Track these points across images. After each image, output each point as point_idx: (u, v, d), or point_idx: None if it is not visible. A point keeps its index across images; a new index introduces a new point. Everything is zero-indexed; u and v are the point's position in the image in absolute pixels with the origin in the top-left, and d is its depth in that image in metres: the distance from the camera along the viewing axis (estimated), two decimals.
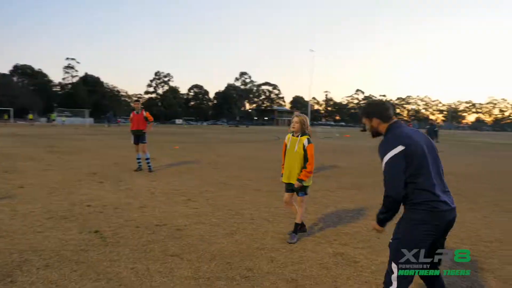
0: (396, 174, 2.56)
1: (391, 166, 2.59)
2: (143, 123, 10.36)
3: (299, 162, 4.74)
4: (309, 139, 4.77)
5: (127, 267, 3.83)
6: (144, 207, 6.33)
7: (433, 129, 20.16)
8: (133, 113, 10.49)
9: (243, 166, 12.17)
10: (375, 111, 2.85)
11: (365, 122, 2.91)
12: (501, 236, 5.45)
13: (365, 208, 6.84)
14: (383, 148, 2.67)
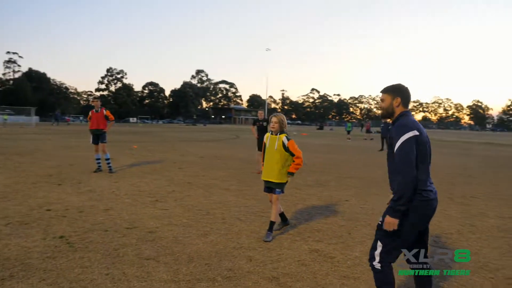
0: (411, 156, 2.62)
1: (406, 148, 2.64)
2: (103, 122, 9.94)
3: (279, 159, 4.85)
4: (287, 137, 4.89)
5: (101, 273, 3.66)
6: (110, 209, 6.09)
7: (387, 127, 21.01)
8: (92, 112, 10.03)
9: (207, 165, 12.04)
10: (403, 91, 2.90)
11: (384, 98, 2.93)
12: (460, 227, 5.78)
13: (332, 205, 7.00)
14: (400, 129, 2.71)
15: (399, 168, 2.65)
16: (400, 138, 2.67)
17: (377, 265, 2.82)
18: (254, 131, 11.34)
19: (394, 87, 2.93)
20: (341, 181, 9.77)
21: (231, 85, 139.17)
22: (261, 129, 11.06)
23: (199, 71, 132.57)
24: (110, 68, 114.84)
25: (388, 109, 2.92)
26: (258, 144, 11.07)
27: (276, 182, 4.87)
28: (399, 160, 2.65)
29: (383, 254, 2.80)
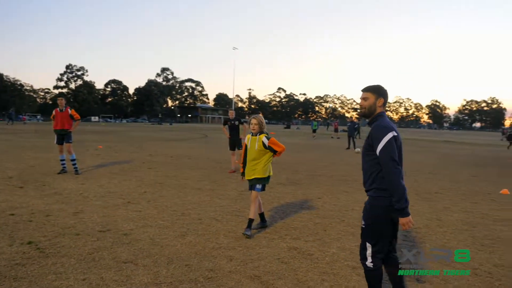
0: (394, 156, 2.70)
1: (390, 148, 2.71)
2: (68, 121, 9.56)
3: (260, 159, 5.03)
4: (267, 136, 5.04)
5: (77, 278, 3.52)
6: (80, 212, 5.87)
7: (354, 126, 21.59)
8: (56, 111, 9.61)
9: (178, 165, 11.87)
10: (385, 93, 2.99)
11: (368, 97, 2.97)
12: (428, 222, 6.03)
13: (306, 203, 7.10)
14: (382, 130, 2.77)
15: (388, 169, 2.69)
16: (382, 140, 2.73)
17: (370, 265, 2.93)
18: (226, 131, 11.29)
19: (379, 88, 3.00)
20: (312, 179, 9.92)
21: (197, 83, 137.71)
22: (232, 129, 11.03)
23: (165, 69, 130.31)
24: (70, 64, 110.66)
25: (370, 108, 2.98)
26: (230, 144, 11.04)
27: (258, 177, 5.03)
28: (386, 162, 2.70)
29: (374, 252, 2.91)
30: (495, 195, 8.54)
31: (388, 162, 2.69)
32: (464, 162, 16.83)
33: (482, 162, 16.92)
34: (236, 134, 11.07)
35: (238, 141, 10.99)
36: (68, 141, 9.58)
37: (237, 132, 11.10)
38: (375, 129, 2.84)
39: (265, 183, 5.14)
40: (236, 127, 11.07)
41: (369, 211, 2.89)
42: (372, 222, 2.88)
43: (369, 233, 2.91)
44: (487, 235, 5.43)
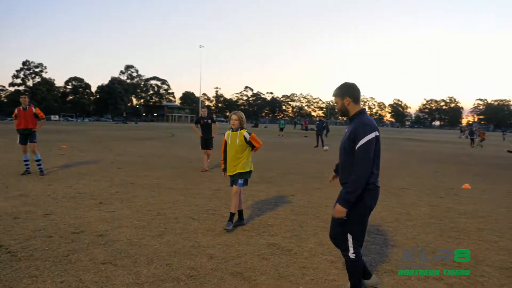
0: (370, 156, 2.87)
1: (368, 148, 2.86)
2: (32, 120, 9.18)
3: (241, 153, 5.20)
4: (248, 132, 5.22)
5: (55, 281, 3.42)
6: (51, 214, 5.67)
7: (322, 125, 22.04)
8: (18, 109, 9.18)
9: (149, 165, 11.67)
10: (349, 90, 3.07)
11: (336, 101, 3.11)
12: (398, 216, 6.27)
13: (280, 200, 7.20)
14: (365, 128, 2.89)
15: (359, 165, 2.86)
16: (365, 137, 2.86)
17: (352, 255, 3.07)
18: (197, 130, 11.21)
19: (340, 89, 3.11)
20: (284, 177, 10.04)
21: (163, 81, 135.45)
22: (205, 127, 10.96)
23: (129, 67, 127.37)
24: (27, 61, 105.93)
25: (342, 110, 3.12)
26: (202, 142, 10.96)
27: (241, 172, 5.18)
28: (360, 158, 2.86)
29: (354, 243, 3.05)
30: (458, 190, 8.98)
31: (362, 159, 2.85)
32: (426, 158, 17.55)
33: (443, 159, 17.72)
34: (208, 133, 10.99)
35: (210, 140, 10.93)
36: (32, 140, 9.21)
37: (209, 130, 11.03)
38: (359, 126, 2.94)
39: (247, 177, 5.28)
40: (208, 125, 11.00)
41: (354, 203, 2.98)
42: (358, 214, 3.01)
43: (352, 224, 3.03)
44: (453, 227, 5.71)
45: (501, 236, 5.33)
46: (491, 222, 6.08)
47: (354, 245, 3.05)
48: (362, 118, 3.01)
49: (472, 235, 5.32)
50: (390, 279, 3.75)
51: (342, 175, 3.15)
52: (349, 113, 3.09)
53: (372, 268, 3.98)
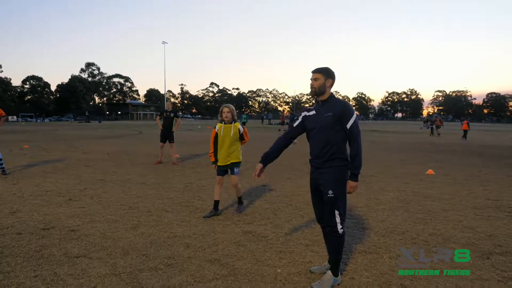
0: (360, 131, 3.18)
1: (358, 124, 3.14)
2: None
3: (235, 144, 5.48)
4: (241, 125, 5.55)
5: (28, 276, 3.32)
6: (18, 212, 5.47)
7: (293, 118, 22.40)
8: None
9: (117, 162, 11.43)
10: (334, 75, 3.29)
11: (318, 77, 3.23)
12: (367, 202, 6.48)
13: (253, 191, 7.28)
14: (350, 109, 3.15)
15: (358, 141, 3.11)
16: (353, 116, 3.13)
17: (341, 230, 3.20)
18: (159, 122, 11.20)
19: (328, 70, 3.28)
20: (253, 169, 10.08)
21: (126, 79, 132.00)
22: (166, 120, 11.03)
23: (90, 64, 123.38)
24: None
25: (320, 88, 3.24)
26: (162, 135, 11.05)
27: (237, 161, 5.49)
28: (356, 134, 3.12)
29: (342, 218, 3.20)
30: (422, 176, 9.39)
31: (358, 135, 3.13)
32: (391, 148, 18.18)
33: (408, 148, 18.40)
34: (169, 126, 11.09)
35: (170, 133, 11.03)
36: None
37: (170, 124, 11.10)
38: (344, 107, 3.15)
39: (240, 167, 5.60)
40: (170, 119, 11.07)
41: (339, 180, 3.14)
42: (343, 190, 3.17)
43: (338, 200, 3.16)
44: (420, 209, 5.98)
45: (465, 216, 5.63)
46: (454, 204, 6.40)
47: (341, 220, 3.20)
48: (340, 99, 3.26)
49: (438, 216, 5.60)
50: (364, 259, 3.90)
51: (320, 153, 3.23)
52: (324, 94, 3.25)
53: (346, 250, 4.11)
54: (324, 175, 3.20)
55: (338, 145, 3.15)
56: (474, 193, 7.33)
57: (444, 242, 4.46)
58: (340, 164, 3.15)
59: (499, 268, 3.71)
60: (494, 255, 4.07)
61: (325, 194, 3.18)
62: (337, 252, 3.25)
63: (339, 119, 3.12)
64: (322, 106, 3.25)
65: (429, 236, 4.65)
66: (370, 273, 3.54)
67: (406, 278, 3.44)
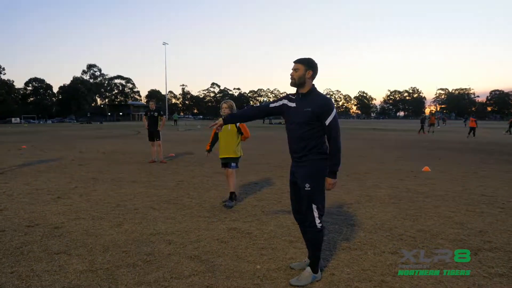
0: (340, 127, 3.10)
1: (337, 121, 3.06)
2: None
3: (233, 137, 5.73)
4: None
5: (5, 272, 3.30)
6: (4, 210, 5.46)
7: None
8: None
9: (112, 161, 11.43)
10: (315, 66, 3.17)
11: (298, 68, 3.12)
12: (358, 198, 6.43)
13: (244, 188, 7.24)
14: (329, 105, 3.06)
15: (337, 138, 3.04)
16: (332, 112, 3.03)
17: (319, 225, 3.17)
18: (145, 121, 11.27)
19: (309, 61, 3.16)
20: (249, 167, 10.07)
21: (127, 80, 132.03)
22: (151, 119, 11.16)
23: (91, 66, 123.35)
24: None
25: (300, 79, 3.12)
26: (149, 134, 11.23)
27: (233, 157, 5.74)
28: (336, 130, 3.05)
29: (320, 212, 3.16)
30: (418, 173, 9.31)
31: (337, 131, 3.05)
32: (389, 146, 18.09)
33: (406, 146, 18.31)
34: (154, 125, 11.19)
35: (156, 132, 11.11)
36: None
37: (155, 123, 11.19)
38: (323, 103, 3.05)
39: (237, 161, 5.85)
40: (155, 118, 11.18)
41: (316, 173, 3.09)
42: (320, 184, 3.11)
43: (315, 194, 3.12)
44: (411, 206, 5.92)
45: (456, 212, 5.56)
46: (447, 200, 6.34)
47: (319, 215, 3.16)
48: (321, 94, 3.14)
49: (428, 212, 5.54)
50: (347, 255, 3.85)
51: (296, 148, 3.19)
52: (304, 86, 3.14)
53: (330, 246, 4.08)
54: (301, 169, 3.16)
55: (315, 140, 3.09)
56: (469, 189, 7.25)
57: (431, 238, 4.40)
58: (317, 158, 3.09)
59: (486, 264, 3.65)
60: (483, 251, 4.01)
61: (302, 188, 3.14)
62: (315, 248, 3.21)
63: (318, 116, 3.03)
64: (302, 99, 3.15)
65: (416, 232, 4.59)
66: (352, 269, 3.49)
67: (387, 274, 3.39)
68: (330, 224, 4.88)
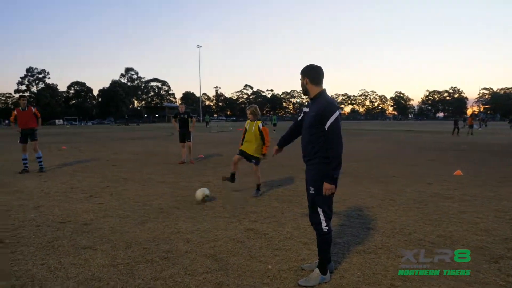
0: (340, 132, 3.10)
1: (337, 125, 3.07)
2: (32, 120, 9.61)
3: (255, 139, 6.57)
4: (262, 124, 6.65)
5: (36, 263, 3.62)
6: (41, 207, 5.88)
7: None
8: (17, 110, 9.60)
9: (143, 162, 11.89)
10: (309, 72, 3.27)
11: (300, 78, 3.32)
12: (381, 202, 6.38)
13: (267, 190, 7.35)
14: (331, 107, 3.10)
15: (335, 142, 3.07)
16: (332, 116, 3.07)
17: (325, 228, 3.23)
18: (175, 124, 11.62)
19: (303, 69, 3.32)
20: (274, 169, 10.18)
21: (163, 83, 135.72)
22: (182, 122, 11.50)
23: (129, 69, 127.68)
24: (30, 67, 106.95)
25: (302, 88, 3.33)
26: (180, 136, 11.50)
27: (253, 155, 6.59)
28: (334, 135, 3.06)
29: (325, 216, 3.23)
30: (448, 176, 9.00)
31: (335, 136, 3.07)
32: (423, 148, 17.59)
33: (441, 148, 17.74)
34: (185, 127, 11.54)
35: (187, 134, 11.47)
36: (33, 139, 9.64)
37: (186, 125, 11.57)
38: (325, 106, 3.12)
39: (258, 159, 6.64)
40: (185, 120, 11.56)
41: (320, 177, 3.17)
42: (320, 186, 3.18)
43: (319, 197, 3.20)
44: (436, 210, 5.78)
45: (483, 218, 5.37)
46: (475, 206, 6.13)
47: (325, 218, 3.23)
48: (325, 97, 3.20)
49: (453, 218, 5.40)
50: (360, 258, 3.87)
51: (305, 152, 3.32)
52: (308, 92, 3.29)
53: (344, 249, 4.12)
54: (309, 172, 3.29)
55: (320, 144, 3.16)
56: (501, 195, 6.93)
57: (451, 244, 4.32)
58: (322, 162, 3.17)
59: (505, 273, 3.56)
60: (505, 259, 3.90)
61: (307, 190, 3.26)
62: (323, 250, 3.29)
63: (320, 119, 3.11)
64: (312, 105, 3.29)
65: (436, 238, 4.52)
66: (362, 272, 3.53)
67: (398, 279, 3.40)
68: (347, 227, 4.91)
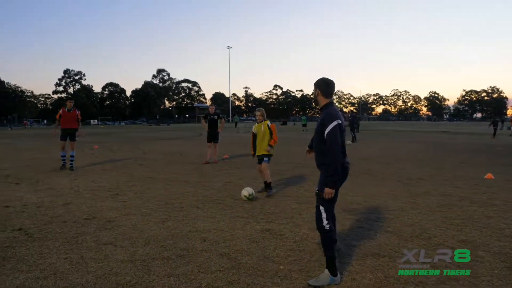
0: (338, 140, 3.28)
1: (333, 133, 3.27)
2: (74, 121, 10.23)
3: (266, 137, 6.96)
4: (270, 122, 7.09)
5: (60, 257, 3.83)
6: (69, 204, 6.18)
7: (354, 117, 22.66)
8: (63, 110, 10.22)
9: (169, 161, 12.18)
10: (321, 85, 3.52)
11: (314, 90, 3.59)
12: (403, 205, 6.27)
13: (287, 191, 7.39)
14: (329, 117, 3.32)
15: (331, 149, 3.26)
16: (329, 125, 3.28)
17: (327, 226, 3.37)
18: (205, 124, 11.81)
19: (317, 81, 3.56)
20: (295, 169, 10.19)
21: (193, 83, 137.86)
22: (211, 123, 11.67)
23: (160, 70, 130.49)
24: (68, 69, 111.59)
25: (314, 98, 3.58)
26: (208, 136, 11.71)
27: (267, 154, 6.94)
28: (330, 143, 3.26)
29: (328, 215, 3.38)
30: (479, 180, 8.68)
31: (331, 144, 3.27)
32: (455, 150, 17.05)
33: (474, 150, 17.12)
34: (214, 128, 11.74)
35: (216, 135, 11.66)
36: (73, 139, 10.19)
37: (215, 126, 11.76)
38: (326, 116, 3.37)
39: (270, 157, 7.01)
40: (215, 121, 11.73)
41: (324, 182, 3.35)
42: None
43: (322, 198, 3.37)
44: (460, 215, 5.60)
45: (509, 224, 5.18)
46: (503, 211, 5.91)
47: (327, 217, 3.37)
48: (329, 109, 3.44)
49: (477, 223, 5.23)
50: (373, 261, 3.84)
51: (316, 157, 3.56)
52: (319, 103, 3.56)
53: (359, 252, 4.10)
54: (320, 175, 3.46)
55: (325, 153, 3.36)
56: None
57: (472, 249, 4.21)
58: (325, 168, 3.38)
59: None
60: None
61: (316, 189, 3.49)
62: (327, 248, 3.37)
63: (321, 128, 3.35)
64: (320, 114, 3.54)
65: (457, 243, 4.40)
66: (375, 275, 3.52)
67: (410, 283, 3.36)
68: (365, 230, 4.88)
